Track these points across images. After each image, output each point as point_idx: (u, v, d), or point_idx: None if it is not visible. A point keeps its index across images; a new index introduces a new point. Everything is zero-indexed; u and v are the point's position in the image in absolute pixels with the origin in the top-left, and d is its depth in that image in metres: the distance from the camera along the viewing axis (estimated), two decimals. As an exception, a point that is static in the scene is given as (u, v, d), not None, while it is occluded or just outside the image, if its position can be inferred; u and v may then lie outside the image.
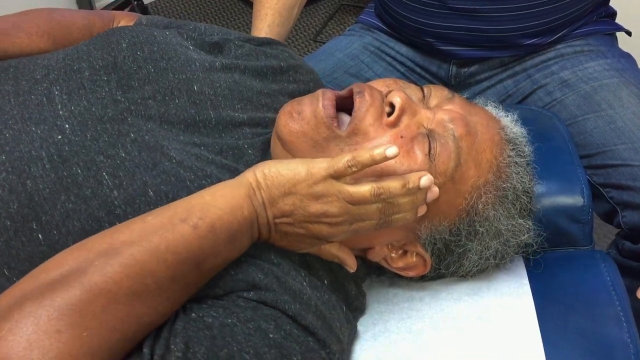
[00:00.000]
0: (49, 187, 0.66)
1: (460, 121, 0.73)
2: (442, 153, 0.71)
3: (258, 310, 0.64)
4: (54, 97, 0.73)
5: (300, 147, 0.71)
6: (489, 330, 0.76)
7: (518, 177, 0.76)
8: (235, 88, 0.81)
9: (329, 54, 1.24)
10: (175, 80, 0.77)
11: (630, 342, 0.76)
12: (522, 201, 0.77)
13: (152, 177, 0.68)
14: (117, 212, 0.65)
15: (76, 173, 0.67)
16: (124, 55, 0.78)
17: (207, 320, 0.62)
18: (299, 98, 0.74)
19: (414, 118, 0.72)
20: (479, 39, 1.11)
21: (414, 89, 0.77)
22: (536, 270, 0.83)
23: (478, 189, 0.73)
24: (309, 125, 0.70)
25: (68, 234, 0.65)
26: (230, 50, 0.87)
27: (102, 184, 0.67)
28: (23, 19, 0.89)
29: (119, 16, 0.99)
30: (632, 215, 1.00)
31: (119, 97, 0.74)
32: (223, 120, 0.77)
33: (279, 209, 0.65)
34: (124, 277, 0.57)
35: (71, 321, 0.54)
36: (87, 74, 0.76)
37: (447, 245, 0.75)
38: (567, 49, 1.14)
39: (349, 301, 0.75)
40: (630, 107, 1.04)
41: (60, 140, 0.69)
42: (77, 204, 0.66)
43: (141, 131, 0.72)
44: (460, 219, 0.74)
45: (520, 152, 0.78)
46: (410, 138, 0.71)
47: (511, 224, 0.76)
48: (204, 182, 0.69)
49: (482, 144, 0.74)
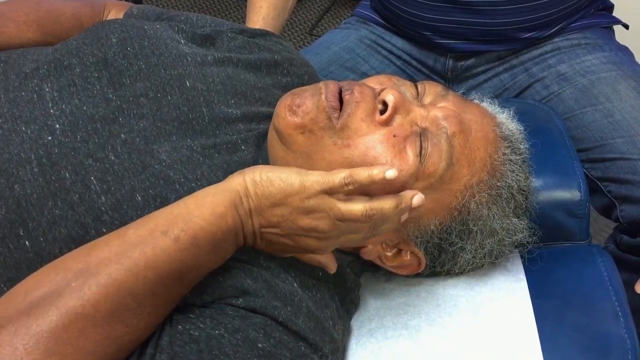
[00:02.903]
0: (37, 192, 0.65)
1: (454, 119, 0.72)
2: (433, 154, 0.69)
3: (247, 319, 0.63)
4: (44, 94, 0.72)
5: (297, 139, 0.69)
6: (486, 325, 0.76)
7: (513, 175, 0.75)
8: (229, 82, 0.79)
9: (325, 47, 1.23)
10: (167, 77, 0.76)
11: (628, 337, 0.76)
12: (517, 200, 0.76)
13: (141, 181, 0.67)
14: (103, 218, 0.64)
15: (64, 177, 0.66)
16: (114, 51, 0.77)
17: (193, 334, 0.60)
18: (299, 89, 0.73)
19: (407, 116, 0.71)
20: (475, 33, 1.11)
21: (408, 85, 0.76)
22: (533, 266, 0.82)
23: (471, 188, 0.72)
24: (308, 116, 0.69)
25: (54, 241, 0.64)
26: (223, 42, 0.86)
27: (90, 189, 0.66)
28: (10, 8, 0.88)
29: (109, 5, 0.97)
30: (630, 209, 0.99)
31: (111, 95, 0.73)
32: (216, 117, 0.76)
33: (266, 219, 0.63)
34: (102, 299, 0.56)
35: (46, 348, 0.53)
36: (78, 70, 0.75)
37: (440, 243, 0.74)
38: (564, 42, 1.14)
39: (344, 293, 0.75)
40: (628, 100, 1.04)
41: (50, 142, 0.68)
42: (64, 210, 0.65)
43: (132, 132, 0.71)
44: (452, 217, 0.73)
45: (516, 149, 0.77)
46: (403, 137, 0.69)
47: (506, 222, 0.75)
48: (194, 185, 0.68)
49: (476, 142, 0.73)
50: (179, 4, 2.58)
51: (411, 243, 0.74)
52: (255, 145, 0.76)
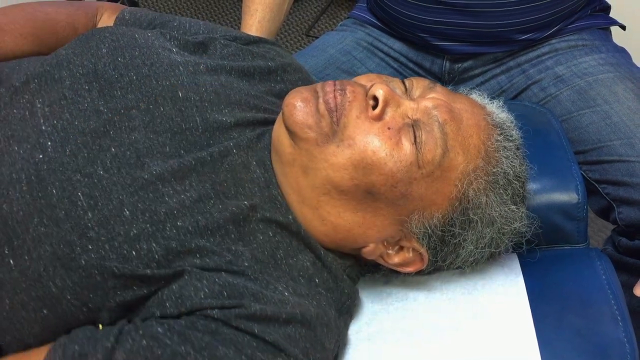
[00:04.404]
0: (23, 209, 0.65)
1: (444, 107, 0.73)
2: (428, 141, 0.70)
3: (217, 335, 0.62)
4: (36, 111, 0.71)
5: (304, 137, 0.70)
6: (484, 329, 0.76)
7: (508, 161, 0.76)
8: (222, 91, 0.79)
9: (321, 49, 1.23)
10: (159, 87, 0.75)
11: (626, 340, 0.76)
12: (513, 186, 0.76)
13: (129, 194, 0.66)
14: (89, 234, 0.63)
15: (51, 194, 0.65)
16: (104, 62, 0.76)
17: (156, 352, 0.60)
18: (299, 89, 0.74)
19: (398, 109, 0.73)
20: (472, 35, 1.11)
21: (397, 82, 0.77)
22: (531, 269, 0.82)
23: (468, 175, 0.72)
24: (313, 118, 0.70)
25: (39, 259, 0.63)
26: (216, 49, 0.85)
27: (77, 205, 0.65)
28: (5, 20, 0.87)
29: (102, 8, 0.97)
30: (629, 211, 0.99)
31: (101, 108, 0.72)
32: (210, 127, 0.75)
33: None
34: None
35: None
36: (68, 82, 0.74)
37: (443, 236, 0.74)
38: (561, 43, 1.14)
39: (342, 301, 0.74)
40: (625, 102, 1.04)
41: (41, 160, 0.67)
42: (49, 227, 0.64)
43: (123, 145, 0.70)
44: (453, 208, 0.73)
45: (509, 136, 0.78)
46: (397, 129, 0.71)
47: (504, 210, 0.75)
48: (182, 197, 0.68)
49: (469, 129, 0.74)
50: (174, 7, 2.57)
51: (413, 239, 0.74)
52: (247, 147, 0.76)
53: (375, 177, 0.69)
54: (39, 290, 0.63)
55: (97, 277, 0.63)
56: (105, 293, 0.63)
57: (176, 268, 0.64)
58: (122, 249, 0.63)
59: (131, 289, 0.64)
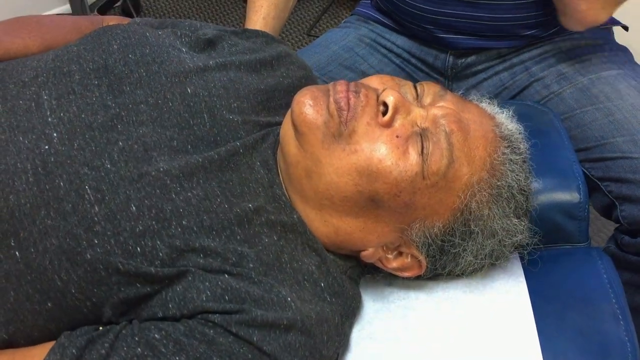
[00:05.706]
0: (30, 201, 0.65)
1: (452, 117, 0.72)
2: (435, 152, 0.70)
3: (213, 344, 0.62)
4: (42, 103, 0.71)
5: (311, 138, 0.70)
6: (486, 327, 0.76)
7: (513, 175, 0.75)
8: (231, 86, 0.79)
9: (324, 46, 1.23)
10: (168, 84, 0.76)
11: (627, 339, 0.76)
12: (517, 200, 0.76)
13: (136, 190, 0.66)
14: (96, 229, 0.64)
15: (58, 186, 0.65)
16: (115, 57, 0.76)
17: None
18: (310, 87, 0.73)
19: (407, 117, 0.72)
20: (478, 28, 1.10)
21: (409, 86, 0.77)
22: (532, 268, 0.82)
23: (472, 187, 0.72)
24: (322, 118, 0.70)
25: (45, 252, 0.63)
26: (224, 47, 0.86)
27: (84, 198, 0.65)
28: (12, 27, 0.88)
29: (107, 19, 0.98)
30: (631, 209, 0.99)
31: (109, 103, 0.73)
32: (217, 123, 0.75)
33: None
34: None
35: None
36: (77, 77, 0.74)
37: (443, 245, 0.74)
38: (564, 42, 1.13)
39: (347, 304, 0.74)
40: (628, 100, 1.03)
41: (47, 151, 0.67)
42: (56, 220, 0.64)
43: (131, 139, 0.70)
44: (455, 219, 0.73)
45: (516, 149, 0.77)
46: (405, 138, 0.70)
47: (506, 223, 0.75)
48: (189, 194, 0.68)
49: (475, 141, 0.73)
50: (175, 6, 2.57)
51: (412, 246, 0.74)
52: (253, 147, 0.76)
53: (379, 185, 0.69)
54: (43, 283, 0.64)
55: (101, 272, 0.63)
56: (109, 289, 0.64)
57: (180, 267, 0.64)
58: (127, 245, 0.64)
59: (134, 286, 0.64)
